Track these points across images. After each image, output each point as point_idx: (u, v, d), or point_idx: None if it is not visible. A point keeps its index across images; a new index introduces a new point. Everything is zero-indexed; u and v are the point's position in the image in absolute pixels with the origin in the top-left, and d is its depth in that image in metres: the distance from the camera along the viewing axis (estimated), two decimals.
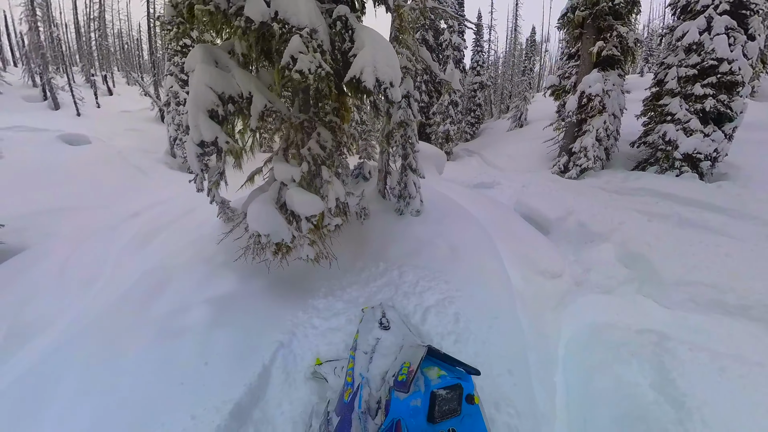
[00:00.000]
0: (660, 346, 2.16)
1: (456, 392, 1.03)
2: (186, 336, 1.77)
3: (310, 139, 2.19)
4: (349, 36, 2.03)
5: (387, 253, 2.71)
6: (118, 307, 2.04)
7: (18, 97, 14.03)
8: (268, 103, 2.02)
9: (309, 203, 1.97)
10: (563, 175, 6.74)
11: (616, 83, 6.60)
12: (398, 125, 3.09)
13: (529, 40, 19.72)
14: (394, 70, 1.96)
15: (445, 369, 1.15)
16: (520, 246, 3.29)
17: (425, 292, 2.23)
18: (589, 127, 6.38)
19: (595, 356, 2.18)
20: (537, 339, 2.17)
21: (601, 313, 2.89)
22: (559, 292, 2.95)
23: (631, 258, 3.77)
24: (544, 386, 1.84)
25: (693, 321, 2.79)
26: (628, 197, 5.27)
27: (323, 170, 2.17)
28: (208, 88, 1.83)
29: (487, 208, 4.01)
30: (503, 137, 12.89)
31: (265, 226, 1.98)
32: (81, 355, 1.72)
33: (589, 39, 6.57)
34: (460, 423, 1.01)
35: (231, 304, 2.02)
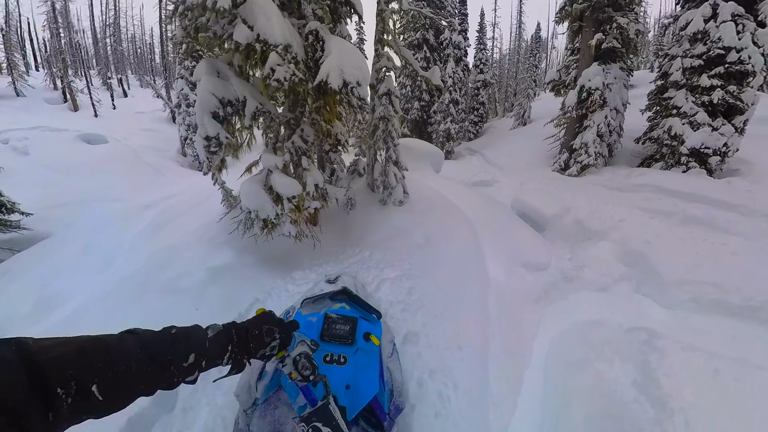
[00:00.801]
0: (648, 345, 2.02)
1: (350, 324, 1.12)
2: (185, 292, 2.19)
3: (294, 134, 2.53)
4: (321, 46, 2.39)
5: (366, 239, 2.85)
6: (132, 278, 2.43)
7: (40, 99, 15.06)
8: (259, 105, 2.38)
9: (287, 185, 2.33)
10: (563, 173, 6.55)
11: (618, 77, 6.39)
12: (380, 120, 3.18)
13: (534, 36, 19.42)
14: (362, 71, 2.28)
15: (351, 306, 1.29)
16: (507, 241, 3.19)
17: (386, 267, 2.41)
18: (590, 122, 6.18)
19: (577, 353, 2.06)
20: (507, 329, 2.08)
21: (593, 310, 2.76)
22: (542, 285, 2.82)
23: (630, 256, 3.60)
24: (504, 375, 1.76)
25: (693, 321, 2.63)
26: (630, 194, 5.06)
27: (303, 160, 2.51)
28: (211, 95, 2.26)
29: (479, 205, 3.91)
30: (506, 136, 12.70)
31: (253, 202, 2.35)
32: (100, 311, 2.16)
33: (588, 32, 6.40)
34: (354, 354, 1.08)
35: (225, 271, 2.42)
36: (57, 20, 15.46)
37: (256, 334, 0.73)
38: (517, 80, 22.19)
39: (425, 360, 1.61)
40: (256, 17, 1.97)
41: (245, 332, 0.73)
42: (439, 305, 2.00)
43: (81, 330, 2.01)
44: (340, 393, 0.97)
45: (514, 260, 2.86)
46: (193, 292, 2.21)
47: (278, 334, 0.77)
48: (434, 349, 1.67)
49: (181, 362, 0.60)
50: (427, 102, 13.79)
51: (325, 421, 0.74)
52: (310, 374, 0.81)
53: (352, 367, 1.04)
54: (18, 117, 11.51)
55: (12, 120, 10.74)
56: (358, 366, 1.06)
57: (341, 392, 0.98)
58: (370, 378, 1.05)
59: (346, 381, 1.01)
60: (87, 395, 0.44)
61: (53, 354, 0.43)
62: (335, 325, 1.12)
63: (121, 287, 2.37)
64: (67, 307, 2.42)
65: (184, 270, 2.39)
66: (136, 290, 2.29)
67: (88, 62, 23.97)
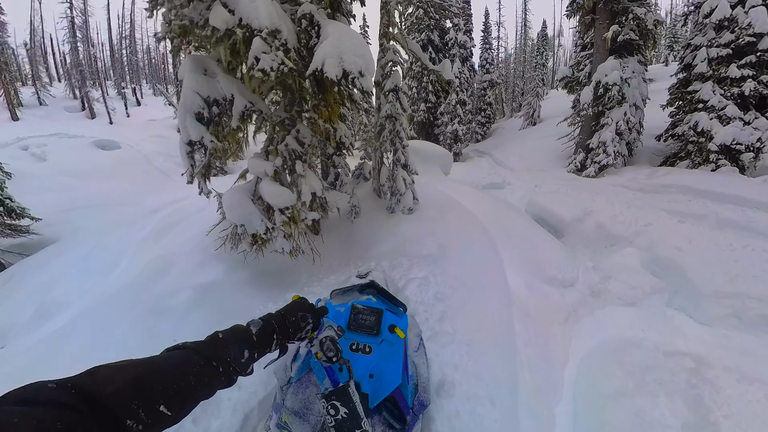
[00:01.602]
0: (697, 375, 1.75)
1: (376, 315, 1.18)
2: (167, 315, 2.04)
3: (288, 136, 2.23)
4: (316, 32, 2.06)
5: (372, 251, 2.62)
6: (125, 290, 2.37)
7: (61, 108, 16.07)
8: (248, 104, 2.10)
9: (278, 194, 2.03)
10: (580, 174, 6.21)
11: (636, 70, 6.04)
12: (386, 119, 2.96)
13: (540, 34, 19.00)
14: (364, 60, 1.92)
15: (378, 299, 1.35)
16: (526, 249, 2.94)
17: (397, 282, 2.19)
18: (608, 120, 5.85)
19: (613, 382, 1.81)
20: (536, 358, 1.84)
21: (623, 328, 2.48)
22: (570, 304, 2.57)
23: (660, 265, 3.28)
24: (535, 419, 1.51)
25: (737, 341, 2.31)
26: (655, 195, 4.72)
27: (297, 164, 2.20)
28: (195, 93, 2.00)
29: (492, 209, 3.68)
30: (515, 136, 12.35)
31: (238, 215, 2.09)
32: (89, 326, 2.12)
33: (602, 24, 6.08)
34: (378, 345, 1.13)
35: (213, 290, 2.23)
36: (75, 35, 16.36)
37: (293, 320, 0.84)
38: (524, 79, 21.73)
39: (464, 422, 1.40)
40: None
41: (284, 319, 0.83)
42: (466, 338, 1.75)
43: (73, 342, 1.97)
44: (363, 381, 1.03)
45: (537, 273, 2.61)
46: (174, 316, 2.04)
47: (311, 319, 0.87)
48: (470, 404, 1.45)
49: (239, 360, 0.66)
50: (434, 103, 13.59)
51: (343, 401, 0.81)
52: (333, 356, 0.87)
53: (376, 356, 1.09)
54: (40, 124, 12.28)
55: (35, 127, 11.41)
56: (383, 356, 1.10)
57: (365, 380, 1.03)
58: (394, 369, 1.08)
59: (370, 370, 1.06)
60: (156, 415, 0.46)
61: (113, 388, 0.43)
62: (361, 315, 1.17)
63: (114, 300, 2.30)
64: (65, 315, 2.43)
65: (172, 287, 2.24)
66: (126, 305, 2.19)
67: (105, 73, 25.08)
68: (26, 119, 13.59)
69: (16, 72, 19.83)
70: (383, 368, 1.08)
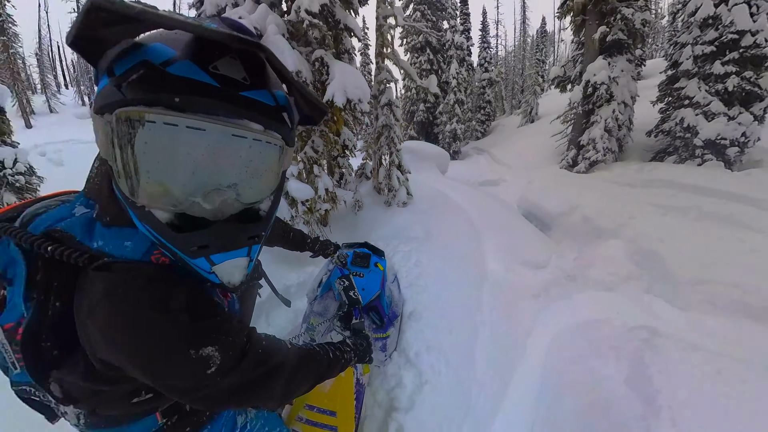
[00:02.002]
0: (647, 343, 2.01)
1: (366, 257, 1.82)
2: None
3: (306, 145, 2.89)
4: (326, 70, 2.73)
5: (370, 236, 3.01)
6: None
7: (71, 115, 16.58)
8: None
9: (302, 190, 2.63)
10: (572, 170, 6.43)
11: (626, 69, 6.23)
12: (383, 128, 3.46)
13: (540, 31, 19.05)
14: (362, 90, 2.64)
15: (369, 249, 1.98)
16: (508, 239, 3.23)
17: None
18: (597, 117, 6.06)
19: (576, 350, 2.09)
20: (498, 320, 2.14)
21: (599, 310, 2.68)
22: (541, 283, 2.81)
23: (642, 255, 3.50)
24: (492, 363, 1.87)
25: (708, 324, 2.51)
26: (641, 190, 4.92)
27: (314, 168, 2.85)
28: None
29: (483, 204, 3.96)
30: (513, 134, 12.54)
31: None
32: None
33: (592, 25, 6.28)
34: (368, 273, 1.77)
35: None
36: None
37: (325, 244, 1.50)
38: (523, 77, 21.80)
39: (424, 338, 1.89)
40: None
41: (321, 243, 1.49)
42: (435, 291, 2.19)
43: None
44: (359, 291, 1.62)
45: (514, 258, 2.90)
46: None
47: (332, 247, 1.53)
48: (431, 329, 1.94)
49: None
50: (432, 104, 13.85)
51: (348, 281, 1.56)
52: (343, 262, 1.59)
53: (366, 279, 1.72)
54: (52, 131, 12.82)
55: (48, 134, 11.96)
56: (369, 279, 1.73)
57: (359, 291, 1.63)
58: (375, 285, 1.74)
59: (362, 285, 1.68)
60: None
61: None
62: (358, 257, 1.82)
63: None
64: None
65: None
66: None
67: None
68: (38, 126, 14.08)
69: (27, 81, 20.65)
70: (369, 285, 1.71)
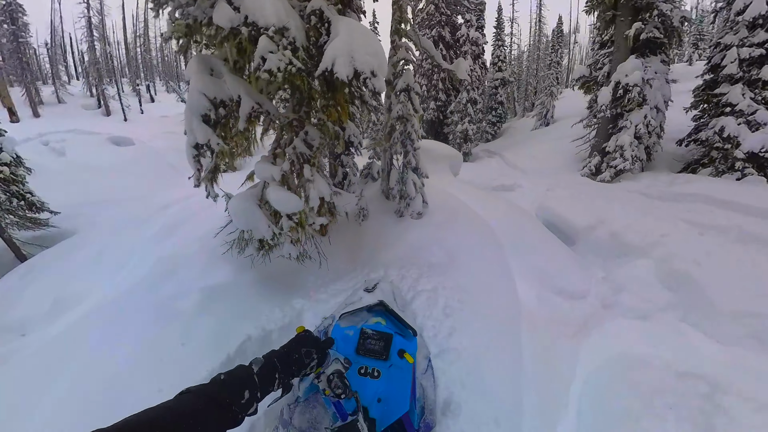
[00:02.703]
0: (711, 401, 1.68)
1: (384, 339, 1.18)
2: (176, 320, 2.04)
3: (296, 138, 2.18)
4: (326, 29, 1.96)
5: (379, 257, 2.59)
6: (135, 289, 2.40)
7: (78, 105, 16.60)
8: (255, 105, 2.04)
9: (286, 200, 1.97)
10: (594, 178, 6.01)
11: (659, 71, 5.76)
12: (397, 120, 2.87)
13: (556, 31, 18.32)
14: (377, 58, 1.84)
15: (387, 321, 1.33)
16: (537, 258, 2.86)
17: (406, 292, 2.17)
18: (626, 122, 5.61)
19: (620, 402, 1.75)
20: (542, 375, 1.79)
21: (634, 343, 2.36)
22: (580, 317, 2.49)
23: (675, 278, 3.13)
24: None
25: (755, 363, 2.18)
26: (674, 204, 4.52)
27: (305, 169, 2.14)
28: (201, 95, 1.94)
29: (502, 213, 3.60)
30: (527, 137, 12.05)
31: (244, 222, 2.06)
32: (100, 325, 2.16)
33: (624, 21, 5.79)
34: (387, 369, 1.13)
35: (220, 293, 2.22)
36: (92, 34, 16.91)
37: (296, 358, 0.83)
38: (537, 78, 21.11)
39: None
40: None
41: (287, 357, 0.82)
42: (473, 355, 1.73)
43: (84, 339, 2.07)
44: (372, 405, 1.03)
45: (547, 284, 2.55)
46: (183, 320, 2.03)
47: (315, 355, 0.86)
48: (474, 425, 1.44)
49: (239, 401, 0.69)
50: (444, 102, 13.37)
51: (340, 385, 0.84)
52: (341, 393, 0.87)
53: (385, 381, 1.09)
54: (58, 121, 12.77)
55: (54, 124, 11.88)
56: (391, 381, 1.10)
57: (373, 405, 1.04)
58: (402, 395, 1.09)
59: (379, 394, 1.06)
60: None
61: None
62: (370, 340, 1.18)
63: (123, 298, 2.34)
64: (78, 311, 2.53)
65: (179, 289, 2.24)
66: (135, 306, 2.20)
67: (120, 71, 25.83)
68: (46, 116, 14.16)
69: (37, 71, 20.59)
70: (391, 393, 1.08)
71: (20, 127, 11.15)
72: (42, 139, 10.04)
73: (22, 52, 14.99)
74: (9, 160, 5.46)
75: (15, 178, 5.47)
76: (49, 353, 2.06)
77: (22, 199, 5.53)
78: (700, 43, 15.51)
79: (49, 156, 9.49)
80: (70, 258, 3.62)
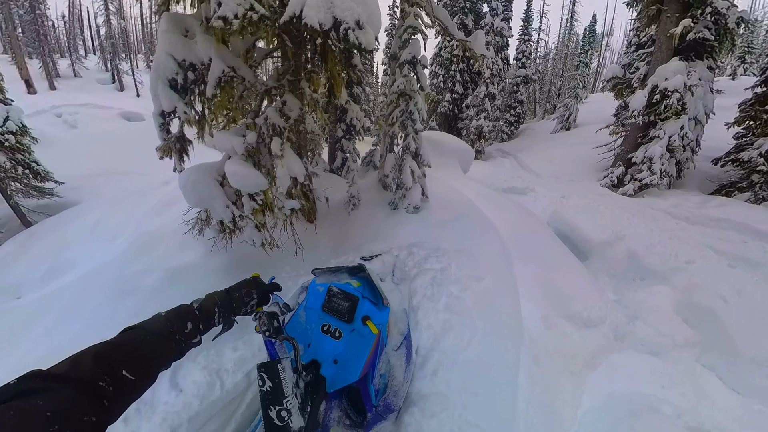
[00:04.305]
0: None
1: (350, 301, 1.12)
2: (133, 296, 1.99)
3: (269, 107, 1.84)
4: None
5: (363, 250, 2.27)
6: (110, 263, 2.41)
7: (93, 80, 16.80)
8: (227, 69, 1.74)
9: (243, 176, 1.65)
10: (615, 190, 5.52)
11: (704, 77, 5.15)
12: (399, 96, 2.45)
13: (588, 29, 17.06)
14: (366, 8, 1.52)
15: (362, 285, 1.26)
16: (546, 272, 2.47)
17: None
18: (659, 132, 5.06)
19: None
20: (538, 420, 1.48)
21: (642, 382, 2.07)
22: (590, 350, 2.12)
23: (696, 312, 2.81)
24: None
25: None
26: (703, 229, 4.07)
27: (274, 142, 1.78)
28: (168, 56, 1.71)
29: (511, 217, 3.19)
30: (545, 140, 11.43)
31: (195, 198, 1.78)
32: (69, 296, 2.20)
33: (669, 18, 5.14)
34: (349, 333, 1.10)
35: (182, 276, 2.12)
36: (108, 8, 16.72)
37: (237, 296, 0.89)
38: (563, 79, 20.06)
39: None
40: None
41: (228, 295, 0.88)
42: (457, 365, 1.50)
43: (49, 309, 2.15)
44: (326, 364, 1.03)
45: (557, 306, 2.17)
46: (142, 296, 1.96)
47: (255, 295, 0.93)
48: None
49: (183, 331, 0.74)
50: (460, 95, 12.70)
51: (270, 375, 0.82)
52: (266, 330, 0.92)
53: (344, 344, 1.08)
54: (73, 95, 13.06)
55: (68, 97, 12.26)
56: (350, 346, 1.08)
57: (327, 363, 1.03)
58: (355, 363, 1.05)
59: (335, 355, 1.05)
60: (121, 378, 0.57)
61: (82, 366, 0.55)
62: (335, 298, 1.15)
63: (97, 273, 2.35)
64: (65, 279, 2.63)
65: (147, 266, 2.17)
66: (103, 281, 2.19)
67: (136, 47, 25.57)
68: (62, 89, 14.40)
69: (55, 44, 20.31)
70: (347, 358, 1.06)
71: (36, 99, 11.58)
72: (56, 111, 10.37)
73: (39, 24, 14.98)
74: (15, 128, 5.62)
75: (20, 146, 5.60)
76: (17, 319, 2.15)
77: (27, 167, 5.73)
78: (748, 56, 14.22)
79: (62, 128, 10.02)
80: (68, 227, 3.73)
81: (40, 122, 7.90)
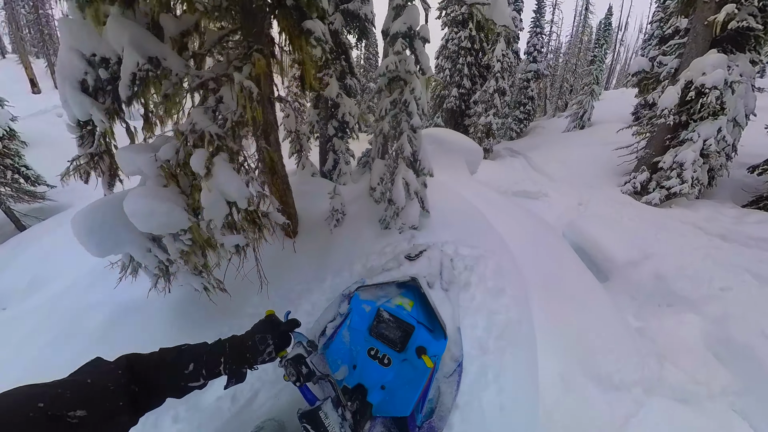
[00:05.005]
0: None
1: (403, 330, 1.04)
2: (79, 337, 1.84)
3: (200, 105, 1.35)
4: None
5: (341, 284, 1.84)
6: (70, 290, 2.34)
7: None
8: (141, 60, 1.27)
9: (145, 215, 1.18)
10: (638, 198, 5.01)
11: (746, 73, 4.55)
12: (390, 82, 1.87)
13: (603, 23, 16.04)
14: None
15: (416, 306, 1.17)
16: (571, 312, 1.99)
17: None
18: (693, 134, 4.51)
19: None
20: None
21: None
22: (617, 420, 1.69)
23: (731, 349, 2.48)
24: None
25: None
26: (741, 249, 3.58)
27: (195, 156, 1.24)
28: (73, 52, 1.33)
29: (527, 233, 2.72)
30: (557, 139, 10.81)
31: (97, 248, 1.32)
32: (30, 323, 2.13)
33: (708, 3, 4.52)
34: (400, 362, 1.02)
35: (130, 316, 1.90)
36: None
37: (250, 345, 0.80)
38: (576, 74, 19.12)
39: None
40: None
41: (240, 344, 0.79)
42: None
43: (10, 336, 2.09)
44: (373, 390, 0.98)
45: (581, 359, 1.75)
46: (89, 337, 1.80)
47: (271, 340, 0.82)
48: None
49: (183, 369, 0.71)
50: (468, 90, 12.02)
51: (314, 426, 0.77)
52: (295, 380, 0.84)
53: (393, 372, 1.01)
54: None
55: None
56: (400, 376, 1.01)
57: (375, 390, 0.98)
58: (407, 398, 0.97)
59: (383, 382, 0.99)
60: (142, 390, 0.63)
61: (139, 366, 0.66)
62: (385, 326, 1.05)
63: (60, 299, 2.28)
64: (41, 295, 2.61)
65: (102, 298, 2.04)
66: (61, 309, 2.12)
67: None
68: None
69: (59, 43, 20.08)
70: (396, 389, 0.98)
71: (40, 99, 11.54)
72: (57, 111, 10.21)
73: (43, 24, 14.78)
74: (2, 133, 5.41)
75: (8, 151, 5.52)
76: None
77: (17, 172, 5.68)
78: None
79: (61, 128, 9.50)
80: (55, 233, 3.64)
81: (42, 122, 7.75)
